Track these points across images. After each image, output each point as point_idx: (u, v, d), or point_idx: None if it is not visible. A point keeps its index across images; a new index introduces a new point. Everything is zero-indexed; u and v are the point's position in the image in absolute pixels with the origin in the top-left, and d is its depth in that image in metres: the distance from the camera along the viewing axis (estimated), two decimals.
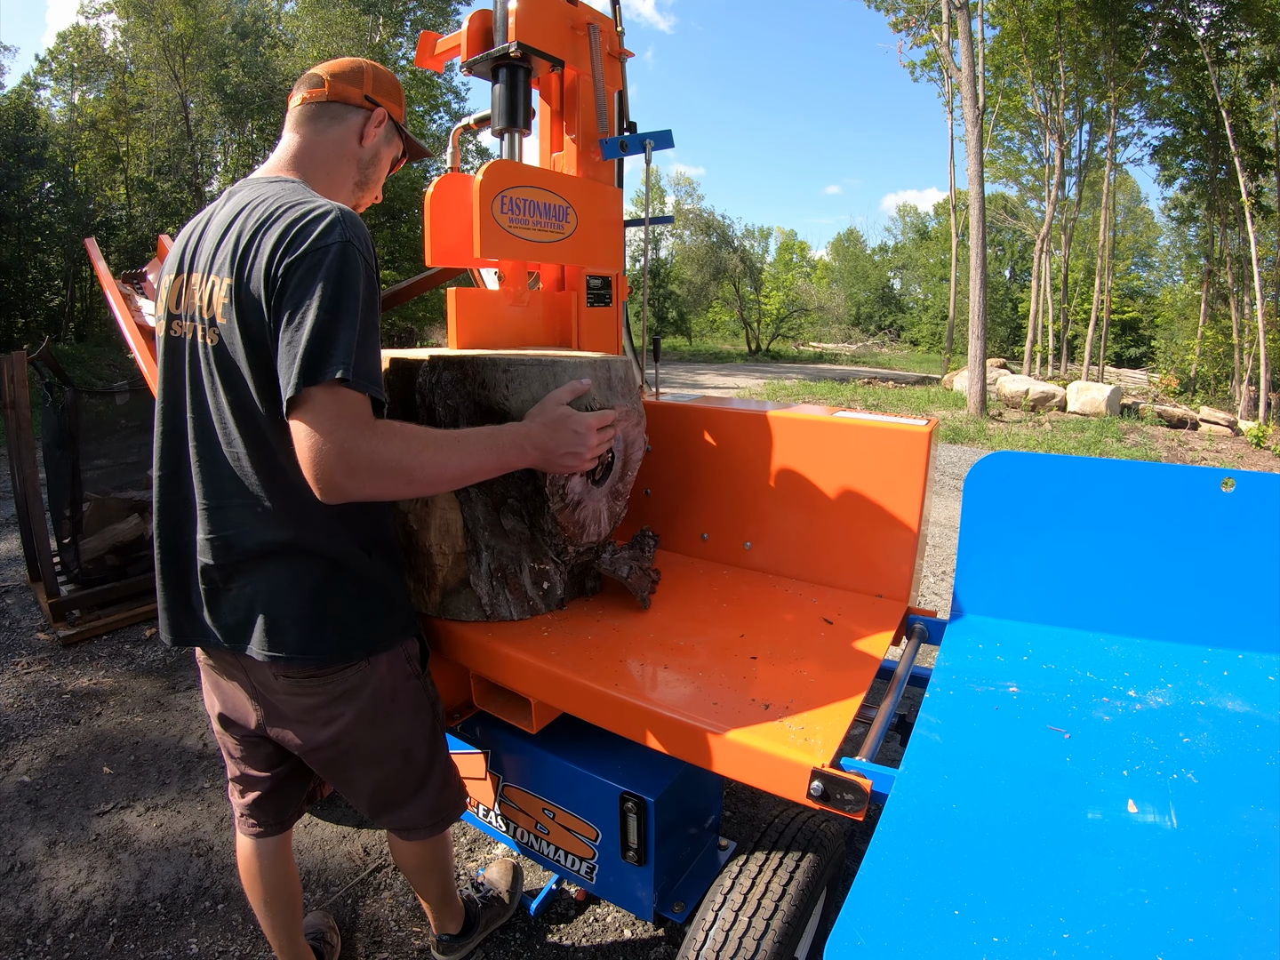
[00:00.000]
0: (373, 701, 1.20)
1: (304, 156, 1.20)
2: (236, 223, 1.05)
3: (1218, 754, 0.98)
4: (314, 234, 0.98)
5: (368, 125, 1.24)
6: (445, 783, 1.37)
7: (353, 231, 1.01)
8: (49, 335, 12.13)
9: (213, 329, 1.05)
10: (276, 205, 1.03)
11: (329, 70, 1.23)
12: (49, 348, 3.47)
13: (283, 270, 0.97)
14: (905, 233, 48.50)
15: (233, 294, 1.01)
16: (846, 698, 1.15)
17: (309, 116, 1.21)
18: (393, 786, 1.30)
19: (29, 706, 2.70)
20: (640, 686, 1.19)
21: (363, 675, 1.18)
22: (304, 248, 0.97)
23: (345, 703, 1.18)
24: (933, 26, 16.32)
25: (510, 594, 1.39)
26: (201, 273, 1.08)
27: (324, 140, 1.21)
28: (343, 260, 0.98)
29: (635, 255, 28.68)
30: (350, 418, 0.96)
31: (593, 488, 1.37)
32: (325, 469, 0.95)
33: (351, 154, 1.24)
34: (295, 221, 0.99)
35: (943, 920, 0.72)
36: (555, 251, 1.73)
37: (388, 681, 1.21)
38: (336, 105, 1.22)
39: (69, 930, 1.76)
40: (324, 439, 0.94)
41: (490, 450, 1.12)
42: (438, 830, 1.38)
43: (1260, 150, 15.54)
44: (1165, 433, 10.69)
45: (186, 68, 16.47)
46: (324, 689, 1.16)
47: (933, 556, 4.56)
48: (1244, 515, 1.22)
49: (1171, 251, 32.35)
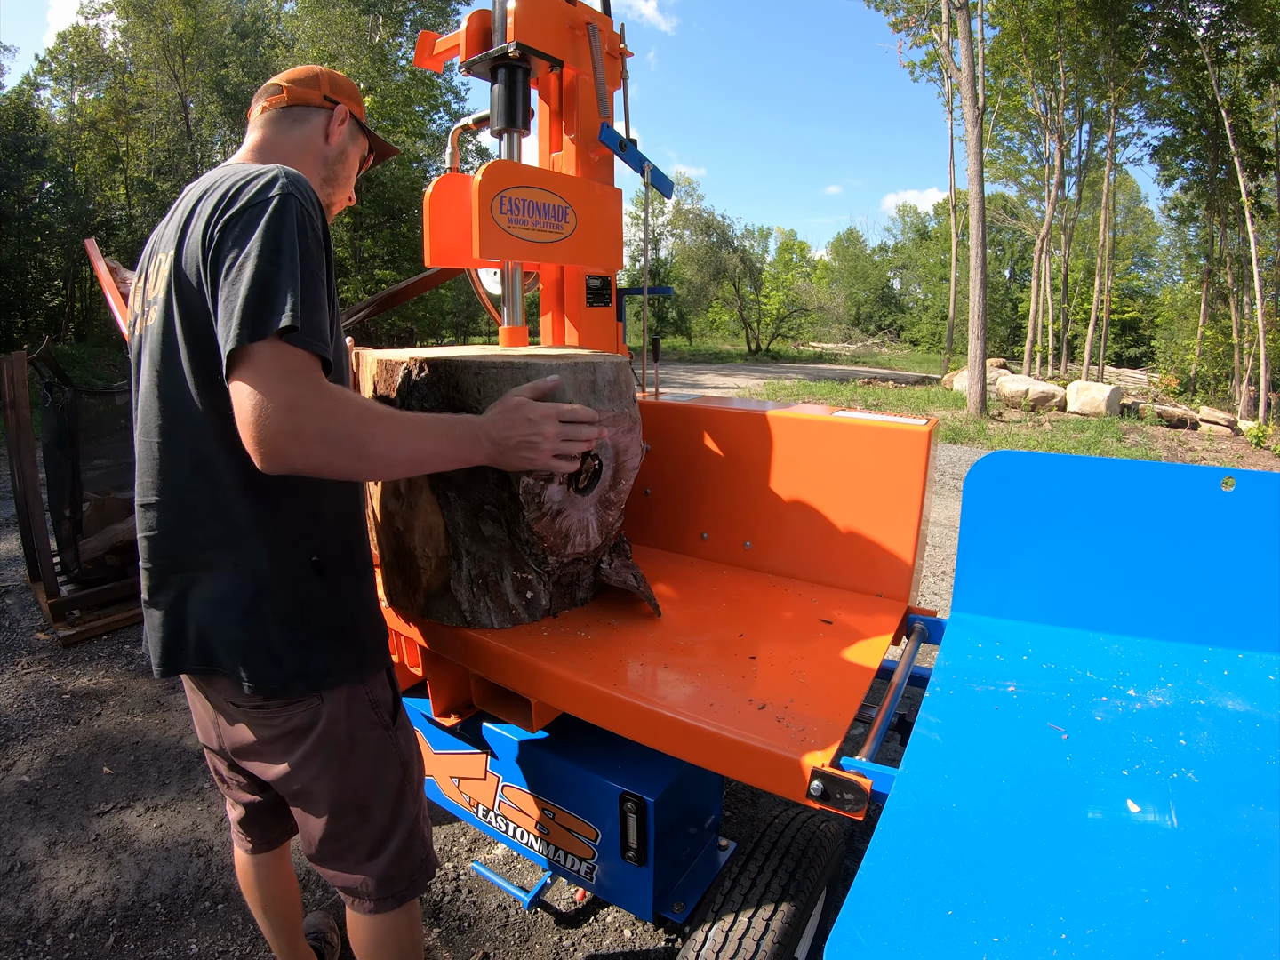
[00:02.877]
0: (323, 745, 1.08)
1: (267, 151, 1.18)
2: (183, 204, 1.01)
3: (1218, 753, 0.98)
4: (254, 188, 0.92)
5: (331, 123, 1.24)
6: (405, 852, 1.19)
7: (295, 186, 0.94)
8: (49, 335, 12.15)
9: (153, 308, 0.99)
10: (220, 176, 0.99)
11: (285, 78, 1.24)
12: (49, 348, 3.47)
13: (220, 227, 0.90)
14: (905, 233, 48.55)
15: (172, 265, 0.96)
16: (846, 697, 1.15)
17: (270, 121, 1.20)
18: (342, 842, 1.15)
19: (29, 706, 2.70)
20: (640, 686, 1.19)
21: (311, 713, 1.06)
22: (242, 202, 0.91)
23: (295, 740, 1.07)
24: (932, 26, 16.32)
25: (491, 601, 1.35)
26: (159, 255, 1.03)
27: (288, 139, 1.20)
28: (282, 210, 0.91)
29: (635, 255, 28.72)
30: (298, 375, 0.87)
31: (576, 496, 1.30)
32: (269, 430, 0.84)
33: (316, 151, 1.23)
34: (235, 183, 0.94)
35: (943, 920, 0.72)
36: (555, 251, 1.73)
37: (343, 725, 1.09)
38: (298, 108, 1.21)
39: (69, 930, 1.76)
40: (268, 397, 0.84)
41: (445, 437, 1.03)
42: (384, 907, 1.18)
43: (1260, 150, 15.54)
44: (1165, 433, 10.69)
45: (186, 68, 16.48)
46: (272, 722, 1.06)
47: (933, 556, 4.56)
48: (1244, 515, 1.22)
49: (1171, 251, 32.40)
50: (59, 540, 3.49)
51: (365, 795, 1.14)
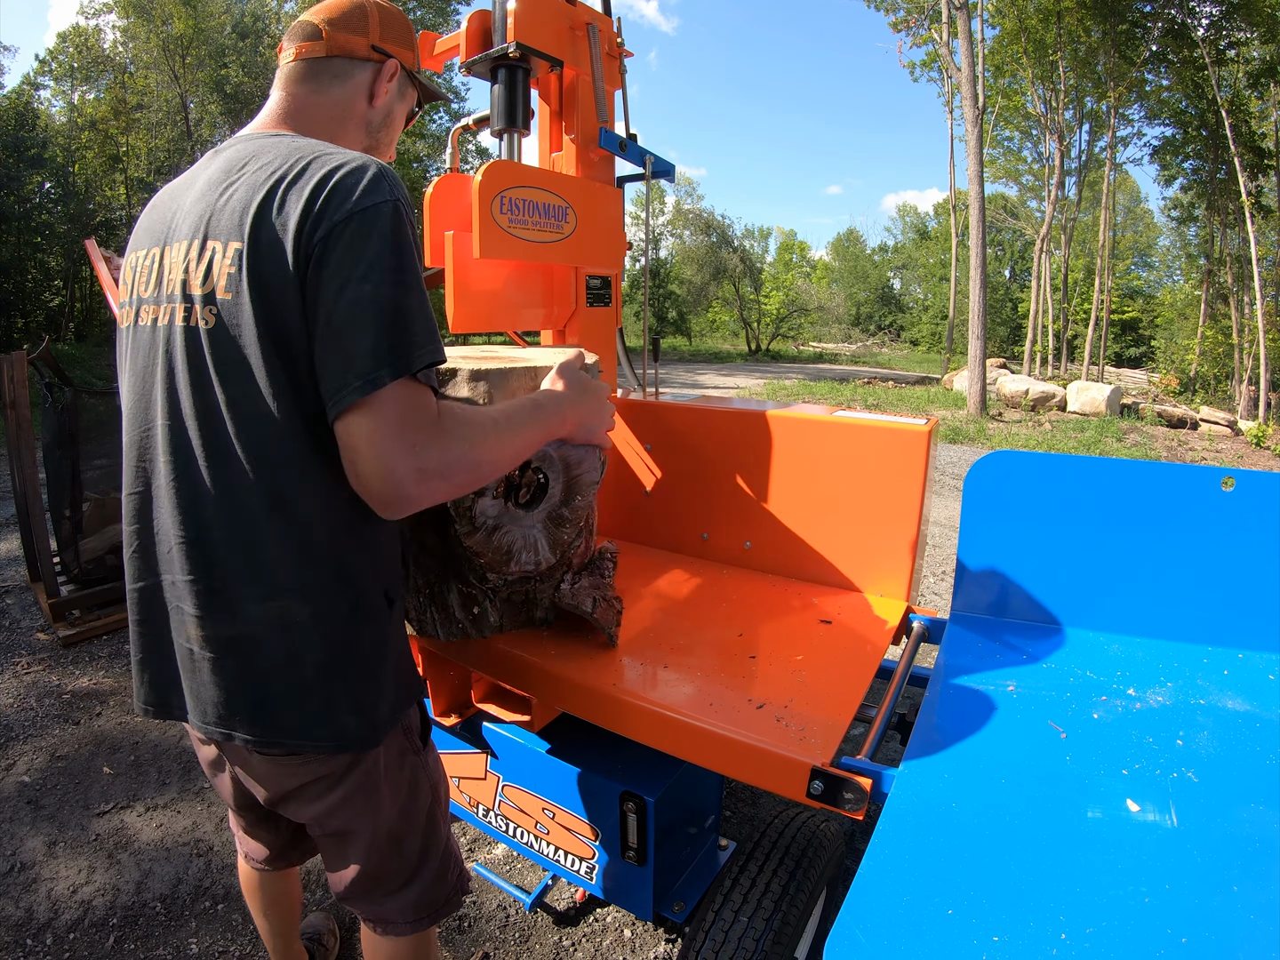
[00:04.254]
0: (361, 786, 1.00)
1: (300, 117, 0.98)
2: (239, 179, 0.85)
3: (1218, 753, 0.98)
4: (358, 190, 0.80)
5: (378, 81, 1.04)
6: (440, 876, 1.14)
7: (399, 189, 0.83)
8: (49, 335, 12.14)
9: (208, 307, 0.83)
10: (295, 156, 0.84)
11: (325, 17, 1.00)
12: (49, 348, 3.47)
13: (324, 234, 0.78)
14: (905, 233, 48.54)
15: (242, 261, 0.81)
16: (846, 697, 1.15)
17: (303, 74, 0.99)
18: (377, 876, 1.08)
19: (29, 706, 2.70)
20: (640, 686, 1.19)
21: (351, 755, 0.97)
22: (349, 206, 0.79)
23: (332, 783, 0.99)
24: (932, 26, 16.32)
25: (437, 613, 1.29)
26: (187, 240, 0.86)
27: (324, 101, 1.00)
28: (397, 221, 0.81)
29: (635, 255, 28.70)
30: (423, 414, 0.80)
31: (518, 511, 1.19)
32: (395, 479, 0.78)
33: (359, 116, 1.04)
34: (330, 174, 0.80)
35: (943, 919, 0.72)
36: (555, 251, 1.73)
37: (382, 763, 1.02)
38: (339, 61, 1.00)
39: (69, 930, 1.76)
40: (392, 442, 0.77)
41: (538, 424, 0.97)
42: (419, 927, 1.12)
43: (1260, 150, 15.55)
44: (1165, 432, 10.69)
45: (186, 68, 16.47)
46: (305, 769, 0.96)
47: (933, 556, 4.56)
48: (1244, 514, 1.22)
49: (1171, 251, 32.39)
50: (59, 540, 3.49)
51: (399, 826, 1.07)
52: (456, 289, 1.67)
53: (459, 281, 1.67)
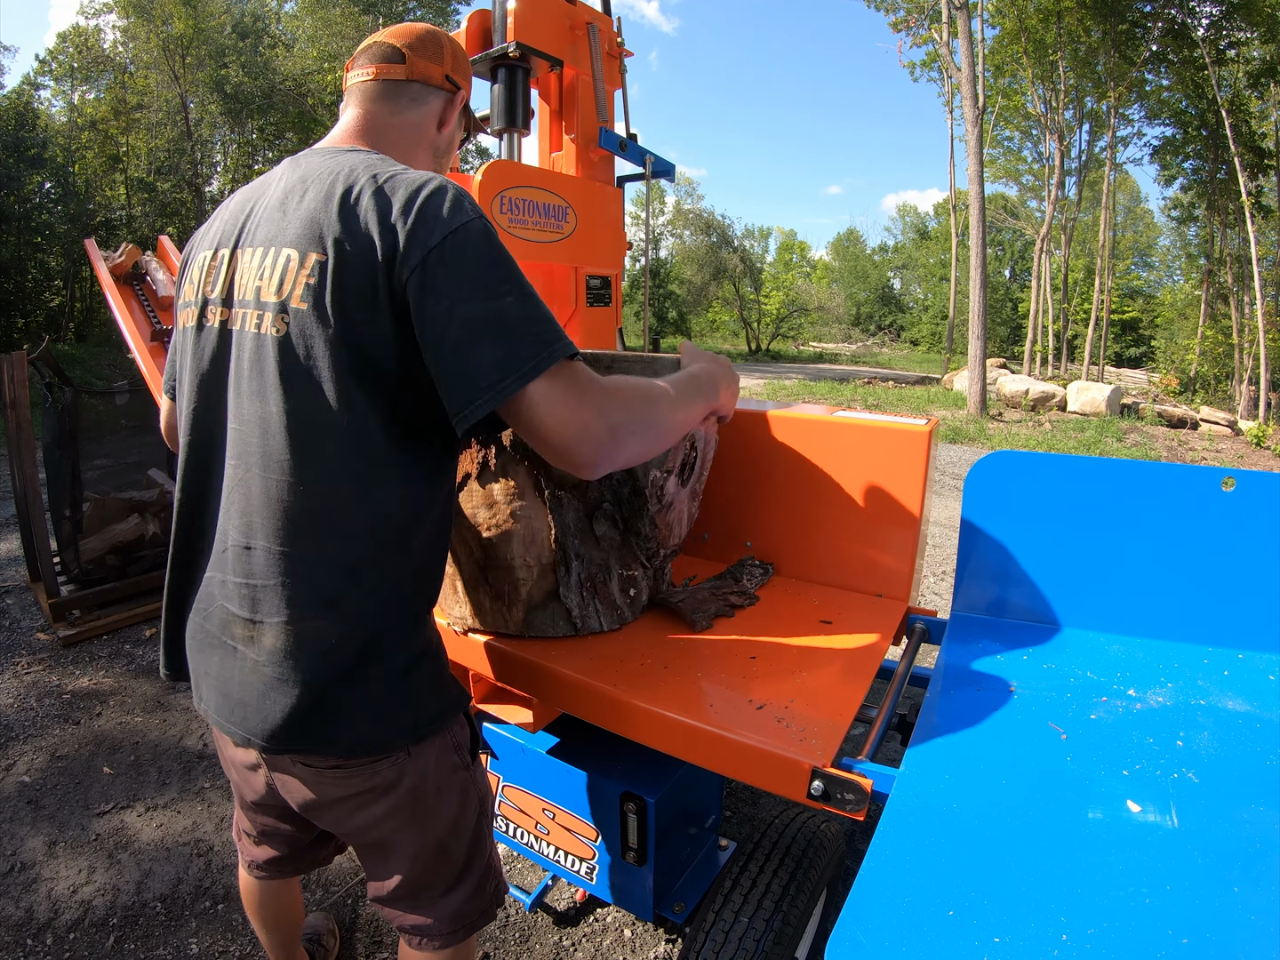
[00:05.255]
0: (410, 798, 0.99)
1: (376, 135, 1.02)
2: (315, 190, 0.86)
3: (1218, 753, 0.98)
4: (444, 211, 0.82)
5: (449, 109, 1.09)
6: (479, 888, 1.13)
7: (476, 206, 0.86)
8: (49, 335, 12.14)
9: (280, 315, 0.84)
10: (374, 171, 0.86)
11: (405, 42, 1.04)
12: (49, 348, 3.46)
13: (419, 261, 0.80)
14: (905, 233, 48.55)
15: (325, 273, 0.82)
16: (846, 697, 1.15)
17: (382, 94, 1.03)
18: (421, 885, 1.08)
19: (29, 706, 2.70)
20: (640, 686, 1.19)
21: (398, 769, 0.97)
22: (440, 229, 0.81)
23: (377, 796, 0.97)
24: (932, 26, 16.32)
25: (600, 604, 1.32)
26: (263, 247, 0.87)
27: (400, 122, 1.04)
28: (488, 234, 0.84)
29: (635, 255, 28.70)
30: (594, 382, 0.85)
31: (680, 488, 1.32)
32: (592, 437, 0.83)
33: (429, 140, 1.09)
34: (415, 195, 0.83)
35: (943, 920, 0.72)
36: (555, 251, 1.73)
37: (430, 778, 1.01)
38: (417, 85, 1.04)
39: (69, 930, 1.76)
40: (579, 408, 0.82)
41: (700, 395, 1.03)
42: (453, 940, 1.11)
43: (1260, 150, 15.55)
44: (1165, 432, 10.70)
45: (186, 68, 16.47)
46: (349, 781, 0.95)
47: (933, 556, 4.56)
48: (1244, 515, 1.22)
49: (1171, 251, 32.38)
50: (59, 540, 3.48)
51: (446, 838, 1.07)
52: None
53: None
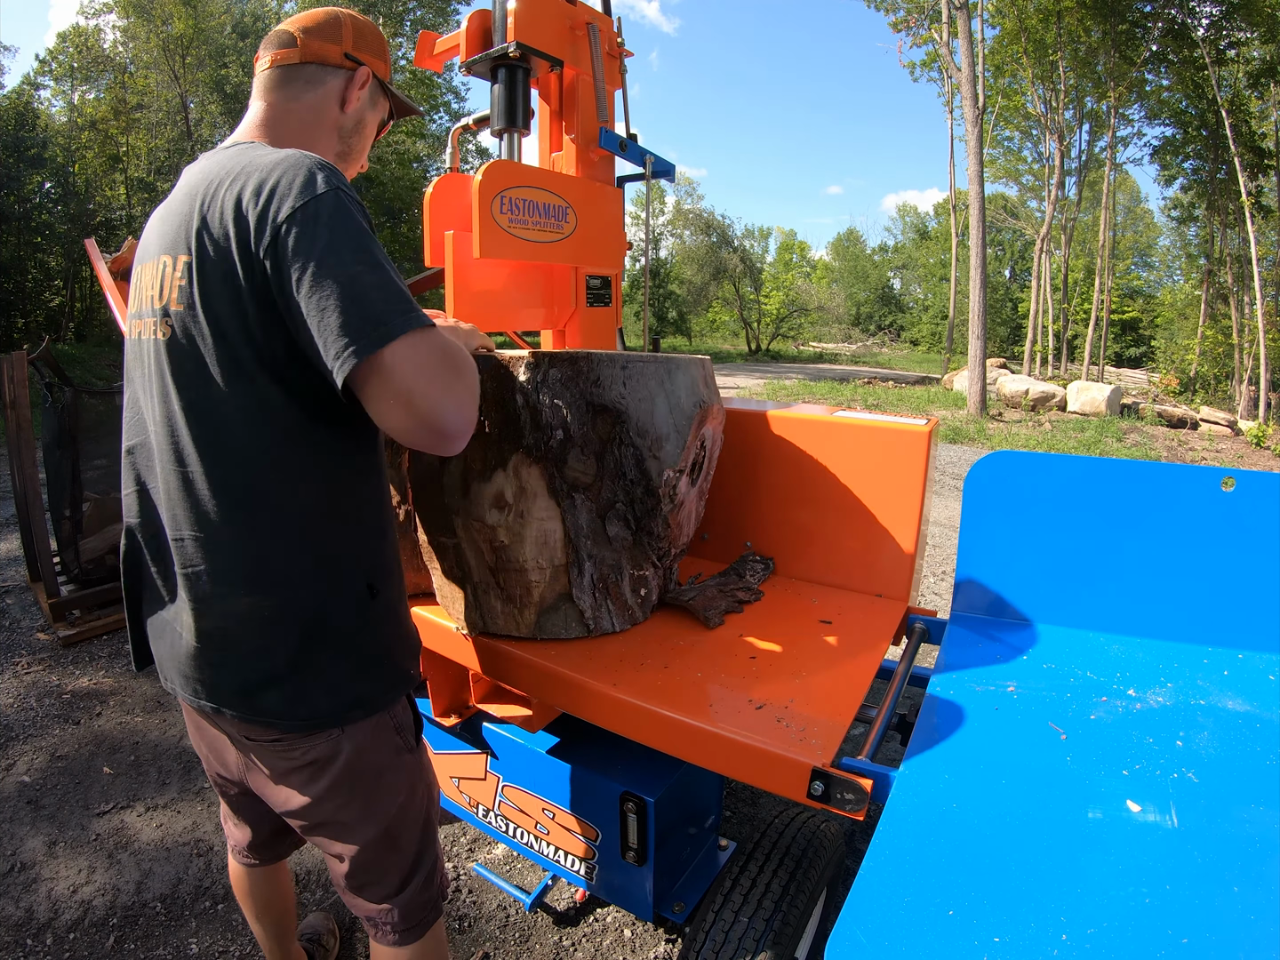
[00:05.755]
0: (349, 775, 1.02)
1: (275, 125, 1.03)
2: (189, 194, 0.89)
3: (1218, 753, 0.98)
4: (294, 186, 0.82)
5: (350, 88, 1.07)
6: (430, 879, 1.17)
7: (337, 178, 0.85)
8: (49, 335, 12.15)
9: (165, 320, 0.89)
10: (240, 166, 0.87)
11: (300, 25, 1.05)
12: (49, 348, 3.47)
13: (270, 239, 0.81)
14: (905, 233, 48.54)
15: (191, 273, 0.85)
16: (846, 697, 1.15)
17: (279, 81, 1.04)
18: (372, 873, 1.10)
19: (29, 706, 2.70)
20: (639, 686, 1.19)
21: (333, 744, 0.99)
22: (289, 205, 0.81)
23: (316, 771, 1.01)
24: (932, 26, 16.32)
25: (613, 604, 1.33)
26: (153, 258, 0.92)
27: (298, 107, 1.04)
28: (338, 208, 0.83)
29: (635, 255, 28.71)
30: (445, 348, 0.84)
31: (690, 487, 1.34)
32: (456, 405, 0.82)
33: (332, 122, 1.08)
34: (264, 179, 0.83)
35: (943, 920, 0.72)
36: (555, 251, 1.73)
37: (369, 756, 1.03)
38: (311, 67, 1.04)
39: (69, 930, 1.76)
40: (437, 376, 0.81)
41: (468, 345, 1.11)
42: (410, 938, 1.14)
43: (1260, 150, 15.54)
44: (1165, 432, 10.70)
45: (186, 68, 16.48)
46: (291, 755, 0.99)
47: (933, 556, 4.56)
48: (1244, 515, 1.22)
49: (1171, 251, 32.39)
50: (59, 540, 3.49)
51: (395, 824, 1.09)
52: (456, 289, 1.67)
53: (459, 281, 1.67)
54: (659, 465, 1.26)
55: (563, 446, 1.21)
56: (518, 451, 1.21)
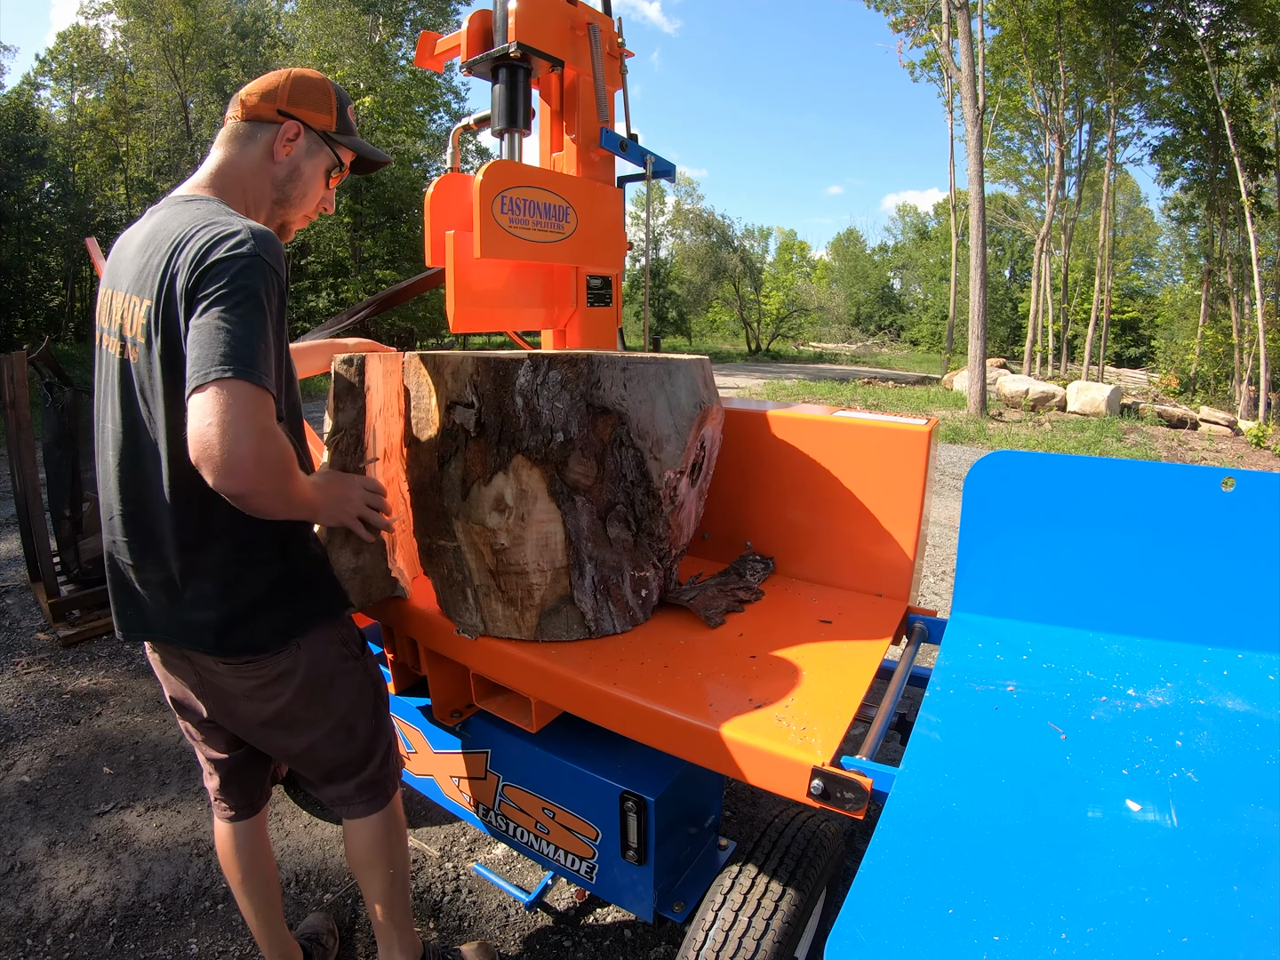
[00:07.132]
0: (309, 682, 1.26)
1: (221, 175, 1.22)
2: (154, 244, 1.09)
3: (1218, 753, 0.98)
4: (225, 248, 1.01)
5: (277, 141, 1.24)
6: (386, 757, 1.42)
7: (263, 246, 1.04)
8: (49, 335, 12.14)
9: (133, 347, 1.10)
10: (191, 227, 1.06)
11: (249, 89, 1.24)
12: (49, 348, 3.46)
13: (192, 284, 1.01)
14: (905, 233, 48.53)
15: (152, 316, 1.06)
16: (846, 697, 1.15)
17: (230, 136, 1.23)
18: (337, 760, 1.34)
19: (29, 706, 2.70)
20: (639, 685, 1.19)
21: (293, 659, 1.23)
22: (214, 258, 1.01)
23: (283, 683, 1.24)
24: (932, 26, 16.32)
25: (614, 606, 1.33)
26: (125, 292, 1.12)
27: (240, 160, 1.23)
28: (248, 271, 1.01)
29: (636, 255, 28.71)
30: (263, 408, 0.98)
31: (690, 488, 1.35)
32: (237, 453, 0.94)
33: (266, 172, 1.25)
34: (209, 241, 1.03)
35: (943, 919, 0.72)
36: (555, 251, 1.73)
37: (323, 665, 1.28)
38: (251, 124, 1.23)
39: (69, 930, 1.76)
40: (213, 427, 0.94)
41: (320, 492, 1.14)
42: (376, 806, 1.40)
43: (1260, 150, 15.54)
44: (1165, 432, 10.70)
45: (186, 68, 16.48)
46: (260, 673, 1.22)
47: (933, 556, 4.56)
48: (1244, 515, 1.22)
49: (1171, 251, 32.37)
50: (59, 540, 3.48)
51: (351, 717, 1.33)
52: (457, 289, 1.67)
53: (459, 281, 1.67)
54: (660, 467, 1.25)
55: (563, 449, 1.21)
56: (518, 454, 1.20)
